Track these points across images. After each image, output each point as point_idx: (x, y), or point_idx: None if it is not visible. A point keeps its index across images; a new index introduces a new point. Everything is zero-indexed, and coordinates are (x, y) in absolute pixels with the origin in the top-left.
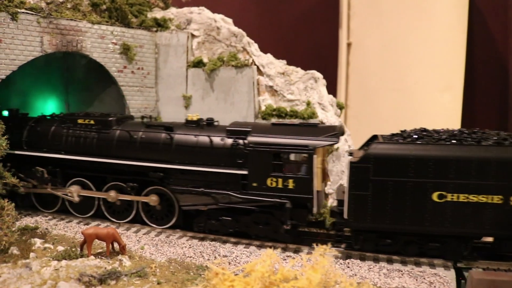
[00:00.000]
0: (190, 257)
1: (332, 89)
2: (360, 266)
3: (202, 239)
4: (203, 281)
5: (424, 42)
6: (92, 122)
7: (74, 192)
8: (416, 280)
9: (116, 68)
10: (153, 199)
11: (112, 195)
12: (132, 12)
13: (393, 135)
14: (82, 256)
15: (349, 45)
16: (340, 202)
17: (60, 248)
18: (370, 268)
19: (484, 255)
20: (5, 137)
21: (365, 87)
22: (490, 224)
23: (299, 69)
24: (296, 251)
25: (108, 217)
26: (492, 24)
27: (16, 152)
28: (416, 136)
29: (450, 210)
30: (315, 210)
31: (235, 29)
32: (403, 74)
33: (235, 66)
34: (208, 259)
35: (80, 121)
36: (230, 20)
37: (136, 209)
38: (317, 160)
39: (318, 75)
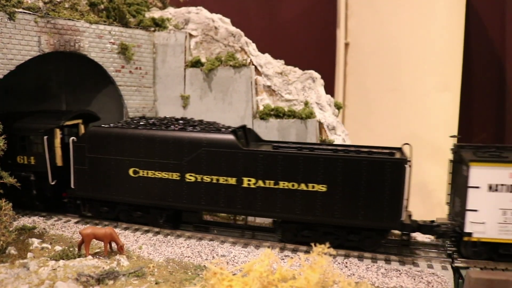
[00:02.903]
0: (188, 257)
1: (330, 89)
2: (358, 266)
3: (200, 239)
4: (201, 281)
5: (421, 42)
6: None
7: None
8: (414, 279)
9: (114, 68)
10: None
11: None
12: (130, 12)
13: (119, 122)
14: (80, 256)
15: (346, 45)
16: None
17: (58, 248)
18: (368, 267)
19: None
20: (3, 137)
21: (363, 87)
22: (172, 197)
23: (297, 69)
24: (295, 251)
25: None
26: (489, 24)
27: None
28: (125, 122)
29: (143, 184)
30: (51, 181)
31: (233, 29)
32: (400, 74)
33: (233, 66)
34: (206, 259)
35: None
36: (228, 20)
37: None
38: (55, 140)
39: (316, 75)
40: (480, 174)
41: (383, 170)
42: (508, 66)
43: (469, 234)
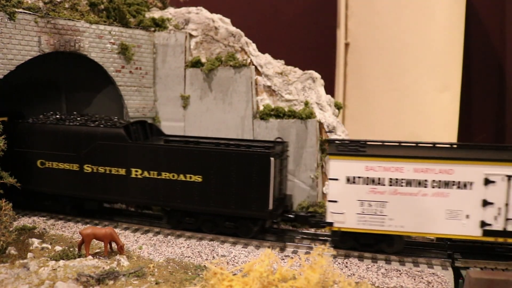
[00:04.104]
0: (188, 257)
1: (330, 89)
2: (358, 266)
3: (200, 238)
4: (201, 281)
5: (421, 42)
6: None
7: None
8: (414, 279)
9: (114, 68)
10: None
11: None
12: (130, 12)
13: (33, 118)
14: (80, 256)
15: (347, 45)
16: None
17: (58, 248)
18: (369, 267)
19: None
20: (3, 137)
21: (363, 87)
22: (74, 187)
23: (297, 69)
24: (295, 251)
25: None
26: (489, 24)
27: None
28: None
29: (49, 175)
30: None
31: (233, 29)
32: (400, 74)
33: (233, 66)
34: (207, 259)
35: None
36: (228, 20)
37: None
38: None
39: (316, 75)
40: (339, 167)
41: (251, 163)
42: (508, 66)
43: (331, 224)
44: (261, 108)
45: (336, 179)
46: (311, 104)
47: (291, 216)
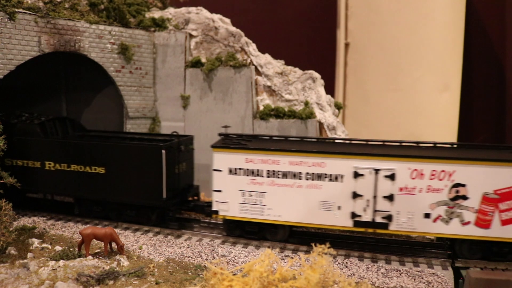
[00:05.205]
0: (189, 257)
1: (330, 89)
2: (358, 266)
3: (200, 239)
4: (201, 281)
5: (421, 42)
6: None
7: None
8: (414, 279)
9: (114, 68)
10: None
11: None
12: (130, 12)
13: None
14: (80, 256)
15: (347, 45)
16: None
17: (58, 248)
18: (369, 267)
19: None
20: (3, 136)
21: (363, 87)
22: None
23: (297, 69)
24: (295, 251)
25: None
26: (489, 25)
27: None
28: None
29: None
30: None
31: (233, 29)
32: (400, 74)
33: (233, 66)
34: (207, 259)
35: None
36: (228, 20)
37: None
38: None
39: (316, 75)
40: (222, 159)
41: (146, 155)
42: (508, 66)
43: (216, 212)
44: (261, 108)
45: (220, 170)
46: (311, 104)
47: (189, 205)
